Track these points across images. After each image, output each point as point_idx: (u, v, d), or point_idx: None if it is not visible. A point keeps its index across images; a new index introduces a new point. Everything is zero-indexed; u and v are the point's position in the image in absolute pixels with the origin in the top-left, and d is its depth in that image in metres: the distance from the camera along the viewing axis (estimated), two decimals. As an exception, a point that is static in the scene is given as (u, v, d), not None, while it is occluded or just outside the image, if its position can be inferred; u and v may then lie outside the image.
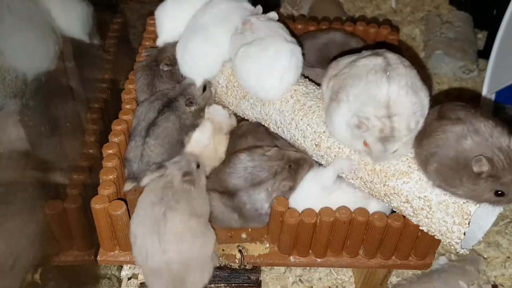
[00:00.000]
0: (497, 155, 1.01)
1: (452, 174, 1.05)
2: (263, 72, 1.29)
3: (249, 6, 1.48)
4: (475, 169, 1.01)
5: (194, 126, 1.39)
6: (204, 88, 1.42)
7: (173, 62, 1.46)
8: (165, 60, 1.47)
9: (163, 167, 1.26)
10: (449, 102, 1.17)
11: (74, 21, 1.37)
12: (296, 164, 1.24)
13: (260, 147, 1.29)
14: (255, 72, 1.29)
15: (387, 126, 1.06)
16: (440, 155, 1.06)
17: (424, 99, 1.13)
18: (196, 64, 1.41)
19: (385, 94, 1.07)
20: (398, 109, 1.06)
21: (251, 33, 1.33)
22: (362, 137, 1.11)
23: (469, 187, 1.04)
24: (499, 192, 1.02)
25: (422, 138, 1.11)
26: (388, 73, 1.09)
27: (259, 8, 1.46)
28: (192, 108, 1.38)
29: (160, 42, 1.52)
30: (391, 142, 1.08)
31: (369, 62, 1.14)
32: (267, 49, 1.28)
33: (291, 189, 1.24)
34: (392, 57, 1.15)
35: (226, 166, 1.26)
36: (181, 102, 1.38)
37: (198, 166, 1.30)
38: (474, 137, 1.03)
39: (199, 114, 1.41)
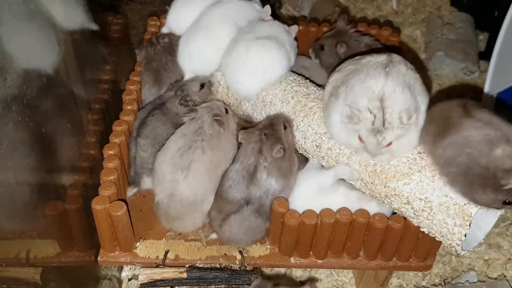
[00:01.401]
0: None
1: (477, 181, 1.03)
2: (243, 70, 1.33)
3: (259, 7, 1.48)
4: (503, 182, 0.99)
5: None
6: (202, 86, 1.42)
7: (170, 38, 1.49)
8: (161, 36, 1.50)
9: (194, 111, 1.30)
10: (467, 99, 1.14)
11: (75, 21, 1.37)
12: (268, 128, 1.24)
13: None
14: (234, 68, 1.34)
15: (378, 117, 1.06)
16: (470, 159, 1.03)
17: (421, 103, 1.13)
18: (192, 59, 1.42)
19: (380, 88, 1.07)
20: (391, 103, 1.06)
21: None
22: (356, 131, 1.10)
23: (488, 196, 1.03)
24: (507, 202, 1.02)
25: (444, 131, 1.08)
26: (387, 70, 1.10)
27: (268, 9, 1.46)
28: (187, 108, 1.38)
29: (165, 30, 1.55)
30: (383, 133, 1.07)
31: (373, 59, 1.16)
32: (250, 48, 1.31)
33: (286, 150, 1.22)
34: (396, 57, 1.16)
35: (222, 188, 1.23)
36: (173, 103, 1.38)
37: (227, 111, 1.34)
38: (505, 147, 1.01)
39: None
